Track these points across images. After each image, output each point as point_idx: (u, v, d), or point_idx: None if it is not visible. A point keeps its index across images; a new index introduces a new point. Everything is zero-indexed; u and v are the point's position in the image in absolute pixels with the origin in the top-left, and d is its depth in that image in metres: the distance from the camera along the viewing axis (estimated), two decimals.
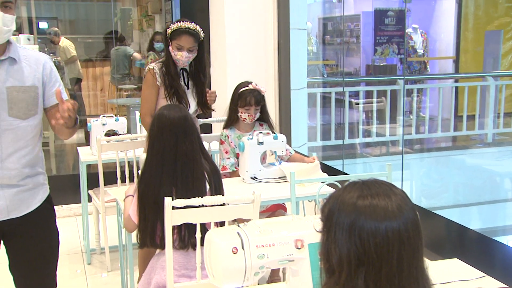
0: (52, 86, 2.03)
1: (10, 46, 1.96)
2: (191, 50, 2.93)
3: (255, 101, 2.96)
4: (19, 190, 1.99)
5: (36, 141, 2.03)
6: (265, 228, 1.38)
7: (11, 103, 1.91)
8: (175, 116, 2.15)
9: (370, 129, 6.29)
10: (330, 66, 8.48)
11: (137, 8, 8.30)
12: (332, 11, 8.75)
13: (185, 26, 2.91)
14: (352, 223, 1.00)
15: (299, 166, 2.85)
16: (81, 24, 9.40)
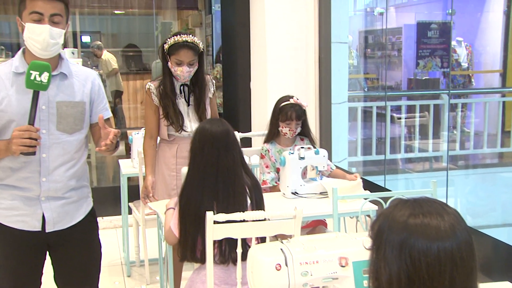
0: (100, 103, 2.10)
1: (62, 62, 2.04)
2: (191, 64, 2.84)
3: (296, 115, 2.95)
4: (64, 203, 2.05)
5: (81, 155, 2.09)
6: (309, 245, 1.38)
7: (59, 117, 1.98)
8: (217, 130, 2.17)
9: (412, 144, 6.20)
10: (371, 79, 8.42)
11: (177, 22, 8.48)
12: (373, 24, 8.71)
13: (183, 39, 2.81)
14: (403, 241, 0.99)
15: (341, 183, 2.82)
16: (122, 37, 9.65)
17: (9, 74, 1.98)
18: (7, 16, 8.23)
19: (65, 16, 1.99)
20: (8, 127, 1.95)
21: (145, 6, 8.59)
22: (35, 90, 1.87)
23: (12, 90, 1.96)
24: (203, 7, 7.31)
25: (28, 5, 1.93)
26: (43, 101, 1.96)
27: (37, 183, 1.99)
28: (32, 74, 1.84)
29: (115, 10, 9.18)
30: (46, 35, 1.91)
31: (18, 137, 1.83)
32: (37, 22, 1.91)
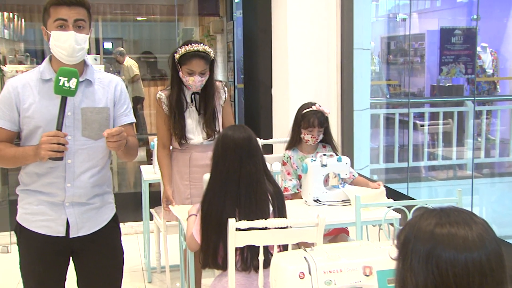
0: (121, 107, 2.13)
1: (87, 68, 2.08)
2: (203, 73, 2.82)
3: (318, 122, 2.94)
4: (88, 208, 2.08)
5: (105, 161, 2.12)
6: (333, 253, 1.38)
7: (84, 123, 2.02)
8: (239, 137, 2.17)
9: (435, 151, 6.13)
10: (393, 86, 8.36)
11: (199, 28, 8.52)
12: (396, 30, 8.65)
13: (194, 49, 2.79)
14: (429, 251, 0.98)
15: (364, 191, 2.80)
16: (144, 44, 9.75)
17: (37, 81, 2.03)
18: (32, 23, 8.39)
19: (88, 21, 2.03)
20: (34, 132, 1.99)
21: (166, 12, 8.66)
22: (63, 96, 1.90)
23: (39, 97, 2.00)
24: (225, 13, 7.34)
25: (52, 13, 1.98)
26: (69, 107, 2.00)
27: (62, 188, 2.02)
28: (60, 80, 1.88)
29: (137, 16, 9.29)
30: (71, 41, 1.95)
31: (46, 142, 1.86)
32: (62, 29, 1.96)
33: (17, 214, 2.11)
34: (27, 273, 2.10)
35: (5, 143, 2.02)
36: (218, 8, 7.57)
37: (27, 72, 2.09)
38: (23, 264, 2.11)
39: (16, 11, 7.72)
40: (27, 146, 2.01)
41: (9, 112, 2.01)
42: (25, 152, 1.97)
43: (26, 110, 2.00)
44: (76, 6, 1.97)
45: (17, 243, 2.14)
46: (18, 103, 2.00)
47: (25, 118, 2.00)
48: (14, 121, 2.02)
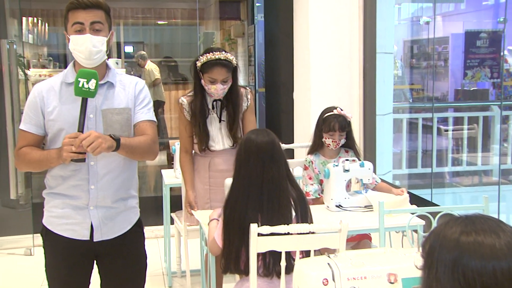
0: (139, 104, 2.14)
1: (109, 71, 2.11)
2: (225, 81, 2.80)
3: (339, 126, 2.94)
4: (112, 212, 2.11)
5: (129, 164, 2.14)
6: (357, 260, 1.37)
7: (106, 124, 2.04)
8: (262, 141, 2.18)
9: (460, 157, 6.06)
10: (416, 90, 8.29)
11: (220, 32, 8.57)
12: (419, 34, 8.59)
13: (215, 57, 2.76)
14: (455, 260, 0.97)
15: (387, 197, 2.79)
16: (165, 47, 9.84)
17: (60, 85, 2.07)
18: (55, 27, 8.53)
19: (106, 23, 2.05)
20: (58, 135, 2.02)
21: (187, 16, 8.74)
22: (83, 97, 1.93)
23: (62, 100, 2.04)
24: (246, 17, 7.38)
25: (70, 17, 2.01)
26: (91, 109, 2.02)
27: (86, 190, 2.05)
28: (80, 82, 1.91)
29: (158, 20, 9.38)
30: (88, 44, 1.98)
31: (68, 144, 1.89)
32: (79, 33, 1.99)
33: (43, 217, 2.14)
34: (52, 276, 2.14)
35: (31, 146, 2.06)
36: (239, 12, 7.61)
37: (53, 77, 2.13)
38: (48, 267, 2.14)
39: (40, 16, 7.85)
40: (51, 149, 2.04)
41: (35, 117, 2.05)
42: (49, 155, 2.00)
43: (50, 113, 2.03)
44: (92, 8, 2.00)
45: (42, 246, 2.17)
46: (43, 107, 2.04)
47: (49, 121, 2.04)
48: (40, 125, 2.06)
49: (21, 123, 2.11)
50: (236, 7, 7.72)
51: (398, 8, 8.45)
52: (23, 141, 2.07)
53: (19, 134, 2.11)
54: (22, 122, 2.10)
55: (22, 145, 2.07)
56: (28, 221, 4.38)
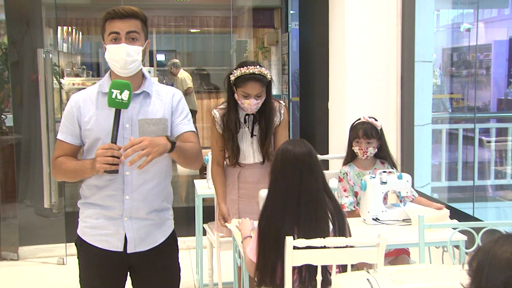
0: (179, 116, 2.17)
1: (145, 81, 2.15)
2: (259, 96, 2.80)
3: (364, 133, 2.92)
4: (146, 224, 2.14)
5: (164, 175, 2.17)
6: (397, 276, 1.36)
7: (142, 134, 2.07)
8: (300, 151, 2.15)
9: (503, 170, 5.92)
10: (456, 100, 8.16)
11: (253, 40, 8.62)
12: (459, 41, 8.46)
13: (250, 71, 2.77)
14: (507, 281, 0.95)
15: (426, 211, 2.75)
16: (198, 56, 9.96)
17: (97, 94, 2.12)
18: (88, 36, 8.73)
19: (142, 32, 2.09)
20: (94, 145, 2.07)
21: (220, 24, 8.83)
22: (116, 108, 1.97)
23: (99, 110, 2.09)
24: (280, 25, 7.40)
25: (107, 27, 2.07)
26: (126, 119, 2.06)
27: (120, 201, 2.08)
28: (113, 93, 1.95)
29: (191, 29, 9.50)
30: (123, 54, 2.02)
31: (101, 155, 1.93)
32: (115, 42, 2.04)
33: (78, 227, 2.19)
34: (85, 287, 2.18)
35: (67, 156, 2.11)
36: (273, 20, 7.64)
37: (89, 87, 2.19)
38: (82, 278, 2.18)
39: (74, 25, 8.05)
40: (86, 159, 2.09)
41: (71, 126, 2.11)
42: (83, 166, 2.05)
43: (86, 123, 2.08)
44: (128, 18, 2.05)
45: (77, 256, 2.21)
46: (79, 117, 2.09)
47: (86, 131, 2.09)
48: (76, 135, 2.11)
49: (58, 132, 2.16)
50: (269, 15, 7.75)
51: (437, 14, 8.35)
52: (60, 151, 2.13)
53: (56, 143, 2.17)
54: (59, 132, 2.15)
55: (58, 154, 2.13)
56: (61, 230, 4.48)
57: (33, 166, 4.66)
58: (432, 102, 5.52)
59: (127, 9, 2.04)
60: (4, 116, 5.51)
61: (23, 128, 4.70)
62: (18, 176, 4.63)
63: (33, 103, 4.55)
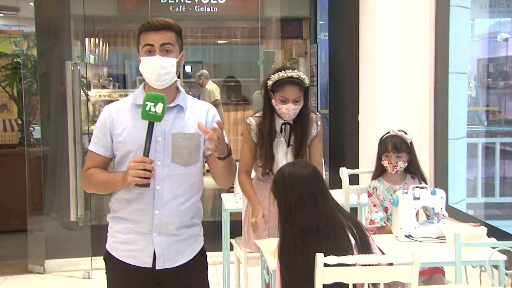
0: None
1: (179, 94, 2.18)
2: (297, 101, 2.78)
3: (393, 147, 2.91)
4: (176, 240, 2.15)
5: (195, 191, 2.19)
6: None
7: (175, 149, 2.10)
8: (308, 174, 2.10)
9: None
10: (492, 112, 8.03)
11: (281, 51, 8.66)
12: (496, 51, 8.35)
13: (288, 75, 2.77)
14: None
15: (462, 228, 2.71)
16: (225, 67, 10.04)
17: (130, 106, 2.16)
18: (115, 48, 8.88)
19: (177, 44, 2.13)
20: (126, 158, 2.10)
21: (248, 35, 8.89)
22: (150, 121, 2.00)
23: (132, 122, 2.12)
24: (308, 36, 7.43)
25: (142, 39, 2.11)
26: (160, 132, 2.09)
27: (150, 215, 2.11)
28: (147, 105, 1.98)
29: (218, 40, 9.59)
30: (156, 66, 2.06)
31: (133, 168, 1.96)
32: (149, 54, 2.08)
33: (107, 242, 2.22)
34: None
35: (98, 168, 2.15)
36: (302, 31, 7.68)
37: (123, 99, 2.23)
38: None
39: (101, 37, 8.21)
40: (117, 172, 2.12)
41: (104, 138, 2.14)
42: (114, 179, 2.08)
43: (119, 135, 2.12)
44: (163, 30, 2.08)
45: (105, 272, 2.24)
46: (112, 129, 2.13)
47: (118, 143, 2.12)
48: (108, 147, 2.15)
49: (90, 143, 2.20)
50: (298, 25, 7.79)
51: (472, 24, 8.26)
52: (91, 162, 2.16)
53: (87, 154, 2.21)
54: (91, 143, 2.18)
55: (89, 166, 2.16)
56: (87, 243, 4.54)
57: (60, 178, 4.74)
58: (467, 115, 5.46)
59: (161, 21, 2.08)
60: (32, 128, 5.66)
61: (50, 140, 4.80)
62: (45, 189, 4.72)
63: (60, 115, 4.64)
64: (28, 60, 5.28)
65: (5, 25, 8.51)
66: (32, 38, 5.21)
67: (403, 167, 2.95)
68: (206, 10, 7.03)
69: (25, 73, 5.15)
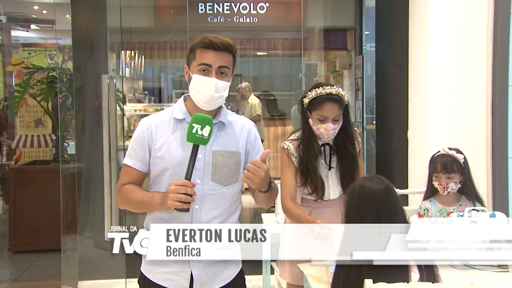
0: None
1: (221, 110, 2.19)
2: (336, 119, 2.70)
3: (443, 167, 2.87)
4: (213, 262, 2.15)
5: (234, 211, 2.19)
6: None
7: (215, 167, 2.10)
8: (377, 190, 2.07)
9: None
10: None
11: (324, 63, 8.63)
12: None
13: (326, 91, 2.69)
14: None
15: None
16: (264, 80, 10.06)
17: (170, 120, 2.16)
18: (151, 60, 9.02)
19: (231, 67, 2.14)
20: (163, 175, 2.11)
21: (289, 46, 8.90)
22: (195, 143, 2.00)
23: (172, 137, 2.13)
24: (353, 47, 7.38)
25: (198, 56, 2.10)
26: (200, 149, 2.09)
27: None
28: (194, 127, 1.98)
29: (257, 51, 9.63)
30: (211, 89, 2.06)
31: (174, 191, 1.96)
32: (205, 74, 2.07)
33: (141, 263, 2.22)
34: None
35: (135, 185, 2.16)
36: (346, 42, 7.63)
37: (161, 112, 2.24)
38: None
39: (137, 49, 8.35)
40: (155, 192, 2.12)
41: (141, 152, 2.15)
42: (152, 199, 2.08)
43: (157, 150, 2.12)
44: (223, 51, 2.09)
45: None
46: (150, 142, 2.14)
47: (156, 158, 2.13)
48: (145, 161, 2.16)
49: (125, 157, 2.20)
50: (342, 36, 7.75)
51: None
52: (127, 178, 2.17)
53: (122, 169, 2.22)
54: (127, 157, 2.19)
55: (125, 181, 2.17)
56: (121, 264, 4.57)
57: (94, 196, 4.81)
58: None
59: (223, 41, 2.09)
60: (66, 144, 5.78)
61: (85, 156, 4.88)
62: (79, 206, 4.79)
63: (95, 130, 4.72)
64: (64, 73, 5.41)
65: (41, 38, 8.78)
66: (67, 51, 5.35)
67: (455, 188, 2.90)
68: (246, 20, 7.07)
69: (60, 87, 5.28)
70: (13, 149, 7.25)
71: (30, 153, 6.76)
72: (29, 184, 5.82)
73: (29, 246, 5.70)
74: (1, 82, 8.61)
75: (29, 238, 5.70)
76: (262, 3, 6.92)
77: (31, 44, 9.28)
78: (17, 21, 8.19)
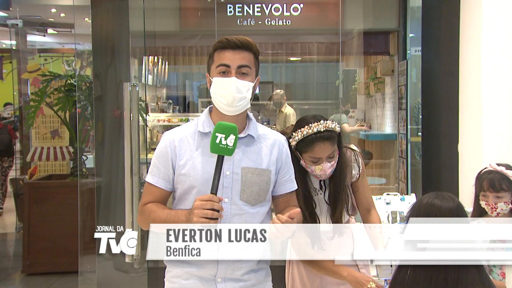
0: (286, 173, 2.19)
1: (250, 123, 2.18)
2: (331, 157, 2.57)
3: (490, 185, 2.81)
4: (241, 286, 2.15)
5: None
6: None
7: (244, 185, 2.09)
8: (447, 208, 2.04)
9: None
10: None
11: (363, 69, 8.59)
12: None
13: (313, 130, 2.51)
14: None
15: None
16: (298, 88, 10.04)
17: (194, 134, 2.16)
18: (175, 67, 9.07)
19: (254, 67, 2.14)
20: (189, 193, 2.11)
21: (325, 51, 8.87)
22: (219, 155, 1.99)
23: (197, 153, 2.13)
24: (396, 51, 7.32)
25: (216, 58, 2.12)
26: (228, 165, 2.09)
27: (214, 259, 2.09)
28: (217, 137, 1.97)
29: (290, 57, 9.63)
30: (231, 89, 2.06)
31: (199, 207, 1.95)
32: (224, 75, 2.08)
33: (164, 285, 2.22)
34: None
35: (158, 204, 2.16)
36: (388, 46, 7.59)
37: (184, 125, 2.24)
38: None
39: (160, 54, 8.41)
40: (180, 210, 2.12)
41: (164, 169, 2.15)
42: (177, 217, 2.08)
43: (181, 167, 2.12)
44: (242, 50, 2.10)
45: None
46: (174, 159, 2.14)
47: (180, 176, 2.13)
48: (169, 179, 2.16)
49: (148, 174, 2.21)
50: (384, 39, 7.70)
51: None
52: (149, 196, 2.17)
53: (145, 187, 2.22)
54: (149, 174, 2.19)
55: (147, 200, 2.18)
56: (143, 287, 4.58)
57: (114, 213, 4.83)
58: None
59: (241, 39, 2.10)
60: (84, 157, 5.81)
61: (105, 170, 4.91)
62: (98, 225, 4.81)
63: (116, 143, 4.75)
64: (82, 81, 5.45)
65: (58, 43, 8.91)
66: (86, 57, 5.40)
67: (506, 209, 2.84)
68: (278, 23, 7.08)
69: (79, 96, 5.31)
70: (27, 162, 7.33)
71: (46, 166, 6.82)
72: (44, 200, 5.84)
73: (44, 268, 5.74)
74: (15, 91, 8.74)
75: (44, 259, 5.73)
76: (296, 4, 6.91)
77: (47, 50, 9.43)
78: (33, 25, 8.33)
